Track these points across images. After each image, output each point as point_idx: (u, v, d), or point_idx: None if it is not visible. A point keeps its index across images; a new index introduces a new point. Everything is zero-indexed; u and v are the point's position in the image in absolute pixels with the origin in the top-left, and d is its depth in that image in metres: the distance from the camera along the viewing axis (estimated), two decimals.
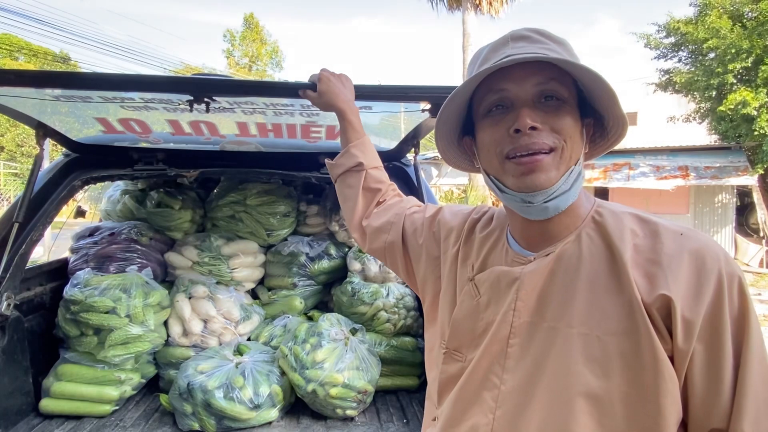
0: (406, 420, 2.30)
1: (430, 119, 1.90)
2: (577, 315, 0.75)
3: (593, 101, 0.80)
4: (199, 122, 2.07)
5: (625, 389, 0.70)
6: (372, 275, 2.81)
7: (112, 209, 2.98)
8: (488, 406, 0.81)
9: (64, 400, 2.27)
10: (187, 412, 2.17)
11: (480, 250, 0.92)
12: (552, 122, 0.77)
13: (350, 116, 1.27)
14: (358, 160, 1.22)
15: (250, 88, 1.62)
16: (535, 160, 0.76)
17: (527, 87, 0.77)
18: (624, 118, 0.79)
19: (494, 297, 0.85)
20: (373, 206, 1.20)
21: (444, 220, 1.04)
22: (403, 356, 2.63)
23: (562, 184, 0.77)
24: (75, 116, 2.18)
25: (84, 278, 2.40)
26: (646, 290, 0.72)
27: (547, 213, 0.79)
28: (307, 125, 2.09)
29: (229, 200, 2.86)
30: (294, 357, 2.31)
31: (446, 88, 1.60)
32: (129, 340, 2.34)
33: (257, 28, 33.36)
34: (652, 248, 0.74)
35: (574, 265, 0.78)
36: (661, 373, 0.69)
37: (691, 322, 0.69)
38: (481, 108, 0.82)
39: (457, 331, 0.89)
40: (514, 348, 0.80)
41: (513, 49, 0.79)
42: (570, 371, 0.73)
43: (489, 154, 0.82)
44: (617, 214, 0.81)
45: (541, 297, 0.79)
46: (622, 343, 0.71)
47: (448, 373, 0.89)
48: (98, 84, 1.53)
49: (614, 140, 0.85)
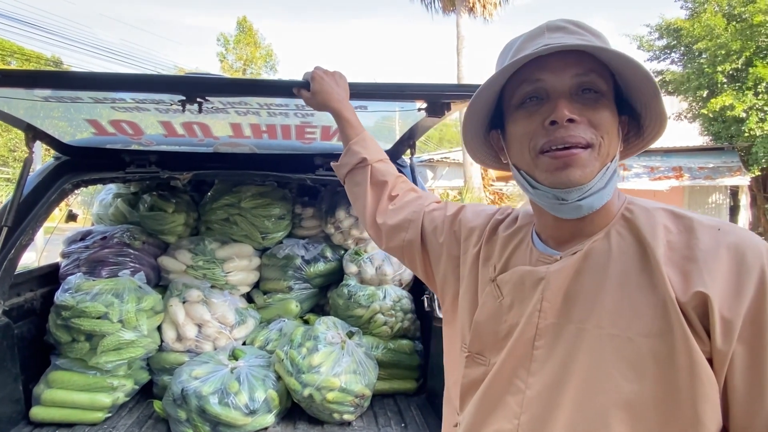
0: (404, 424, 2.27)
1: (425, 119, 1.88)
2: (606, 315, 0.71)
3: (631, 96, 0.77)
4: (192, 123, 2.04)
5: (659, 394, 0.66)
6: (368, 278, 2.78)
7: (104, 213, 2.94)
8: (513, 411, 0.77)
9: (55, 407, 2.23)
10: (181, 418, 2.13)
11: (503, 251, 0.89)
12: (590, 115, 0.73)
13: (346, 114, 1.24)
14: (360, 156, 1.19)
15: (242, 87, 1.59)
16: (571, 154, 0.72)
17: (565, 78, 0.74)
18: (664, 115, 0.76)
19: (518, 298, 0.81)
20: (385, 200, 1.16)
21: (465, 219, 1.00)
22: (400, 359, 2.60)
23: (598, 181, 0.73)
24: (67, 119, 2.14)
25: (75, 283, 2.36)
26: (681, 288, 0.67)
27: (580, 212, 0.75)
28: (302, 126, 2.06)
29: (224, 203, 2.82)
30: (290, 361, 2.28)
31: (443, 86, 1.58)
32: (122, 346, 2.29)
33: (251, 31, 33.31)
34: (687, 244, 0.70)
35: (602, 263, 0.74)
36: (699, 376, 0.64)
37: (731, 321, 0.64)
38: (514, 99, 0.78)
39: (479, 334, 0.86)
40: (540, 350, 0.76)
41: (550, 39, 0.75)
42: (600, 374, 0.70)
43: (521, 147, 0.78)
44: (649, 210, 0.77)
45: (568, 297, 0.76)
46: (656, 344, 0.67)
47: (470, 378, 0.86)
48: (87, 84, 1.50)
49: (650, 139, 0.81)
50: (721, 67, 10.62)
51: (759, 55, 10.32)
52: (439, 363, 2.26)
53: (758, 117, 10.35)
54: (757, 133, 10.40)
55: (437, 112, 1.66)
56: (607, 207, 0.77)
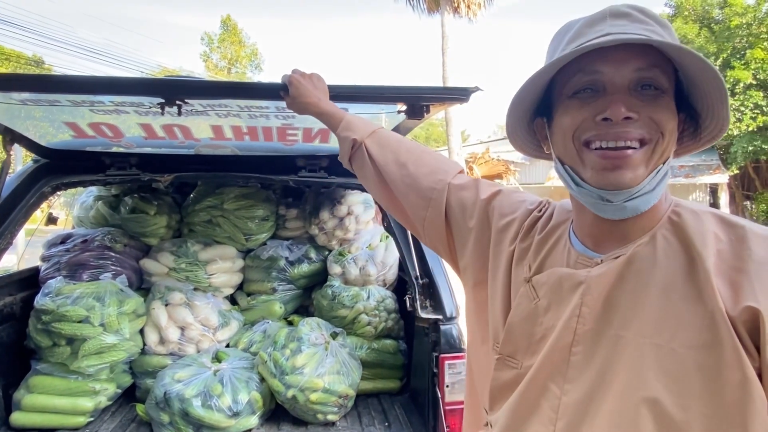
0: (388, 423, 2.29)
1: (406, 121, 1.90)
2: (649, 324, 0.68)
3: (694, 96, 0.72)
4: (172, 126, 2.03)
5: (704, 409, 0.62)
6: (352, 278, 2.79)
7: (84, 216, 2.91)
8: (548, 417, 0.74)
9: (36, 412, 2.21)
10: (164, 421, 2.12)
11: (539, 249, 0.84)
12: (649, 113, 0.68)
13: (325, 109, 1.22)
14: (350, 139, 1.14)
15: (222, 90, 1.59)
16: (624, 155, 0.68)
17: (626, 72, 0.69)
18: (727, 120, 0.71)
19: (555, 301, 0.77)
20: (396, 173, 1.07)
21: (501, 208, 0.94)
22: (384, 359, 2.62)
23: (647, 183, 0.69)
24: (49, 120, 2.12)
25: (56, 287, 2.33)
26: (731, 301, 0.64)
27: (625, 213, 0.71)
28: (284, 128, 2.07)
29: (206, 205, 2.81)
30: (273, 363, 2.28)
31: (421, 89, 1.60)
32: (103, 350, 2.28)
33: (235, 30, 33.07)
34: (738, 255, 0.66)
35: (647, 269, 0.70)
36: (750, 392, 0.60)
37: None
38: (567, 88, 0.73)
39: (512, 336, 0.82)
40: (578, 357, 0.73)
41: (612, 27, 0.70)
42: (640, 385, 0.66)
43: (565, 140, 0.74)
44: (699, 215, 0.72)
45: (609, 303, 0.72)
46: (702, 357, 0.63)
47: (501, 380, 0.83)
48: (65, 87, 1.49)
49: (707, 142, 0.76)
50: None
51: (736, 56, 10.54)
52: (422, 362, 2.29)
53: (735, 117, 10.57)
54: (735, 132, 10.62)
55: (417, 115, 1.68)
56: (654, 209, 0.73)
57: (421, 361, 2.31)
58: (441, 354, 2.01)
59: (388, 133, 1.16)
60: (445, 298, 2.13)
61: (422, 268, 2.25)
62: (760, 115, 10.35)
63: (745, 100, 10.41)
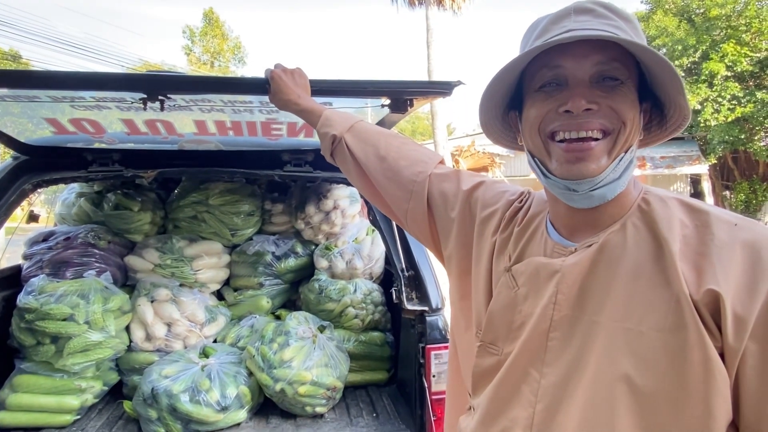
0: (376, 414, 2.32)
1: (391, 114, 1.91)
2: (619, 308, 0.71)
3: (656, 87, 0.75)
4: (155, 121, 2.02)
5: (670, 387, 0.66)
6: (339, 272, 2.81)
7: (67, 213, 2.87)
8: (528, 400, 0.78)
9: (21, 412, 2.18)
10: (152, 417, 2.12)
11: (519, 239, 0.88)
12: (610, 102, 0.72)
13: (304, 105, 1.23)
14: (330, 134, 1.15)
15: (204, 85, 1.59)
16: (586, 147, 0.71)
17: (586, 66, 0.72)
18: (687, 109, 0.74)
19: (533, 289, 0.81)
20: (376, 166, 1.09)
21: (484, 199, 0.97)
22: (372, 351, 2.64)
23: (611, 172, 0.72)
24: (28, 116, 2.08)
25: (39, 285, 2.31)
26: (694, 285, 0.67)
27: (592, 202, 0.75)
28: (268, 122, 2.07)
29: (191, 200, 2.80)
30: (261, 357, 2.29)
31: (404, 83, 1.61)
32: (89, 347, 2.26)
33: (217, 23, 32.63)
34: (702, 240, 0.70)
35: (618, 256, 0.73)
36: (711, 371, 0.64)
37: (743, 318, 0.64)
38: (533, 82, 0.77)
39: (492, 324, 0.85)
40: (555, 342, 0.77)
41: (575, 23, 0.73)
42: (613, 367, 0.70)
43: (532, 132, 0.77)
44: (665, 202, 0.76)
45: (583, 290, 0.75)
46: (669, 339, 0.67)
47: (482, 367, 0.87)
48: (45, 83, 1.47)
49: (673, 130, 0.80)
50: (679, 62, 11.01)
51: (715, 49, 10.72)
52: (409, 353, 2.32)
53: (713, 108, 10.77)
54: (712, 123, 10.82)
55: (400, 108, 1.69)
56: (622, 197, 0.76)
57: (408, 353, 2.34)
58: (427, 345, 2.04)
59: (367, 126, 1.17)
60: (431, 290, 2.16)
61: (408, 260, 2.28)
62: (737, 106, 10.56)
63: (722, 90, 10.60)
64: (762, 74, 10.68)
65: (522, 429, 0.77)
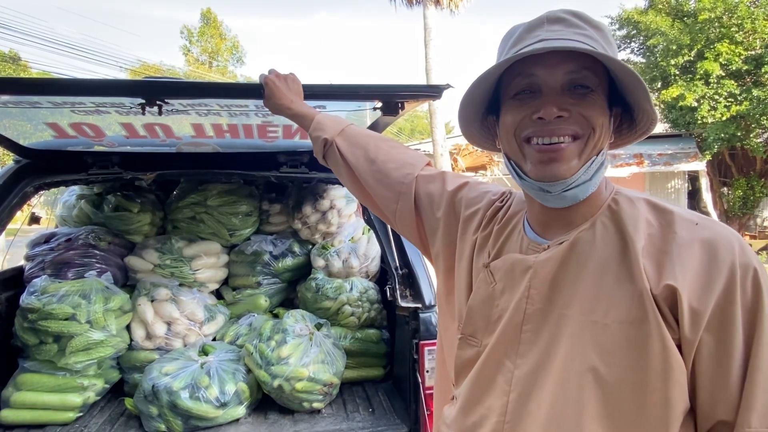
0: (372, 409, 2.37)
1: (383, 117, 1.96)
2: (586, 302, 0.76)
3: (625, 93, 0.79)
4: (153, 125, 2.07)
5: (632, 377, 0.71)
6: (335, 271, 2.86)
7: (68, 215, 2.92)
8: (502, 389, 0.82)
9: (25, 409, 2.24)
10: (153, 414, 2.17)
11: (498, 237, 0.92)
12: (580, 109, 0.75)
13: (297, 110, 1.28)
14: (321, 138, 1.20)
15: (201, 90, 1.63)
16: (558, 149, 0.75)
17: (558, 74, 0.76)
18: (653, 114, 0.78)
19: (509, 284, 0.85)
20: (366, 170, 1.14)
21: (468, 199, 1.02)
22: (367, 348, 2.69)
23: (582, 174, 0.76)
24: (28, 118, 2.13)
25: (41, 286, 2.36)
26: (655, 280, 0.71)
27: (565, 202, 0.79)
28: (264, 125, 2.11)
29: (190, 201, 2.85)
30: (259, 354, 2.34)
31: (395, 86, 1.66)
32: (91, 346, 2.32)
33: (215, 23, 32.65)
34: (665, 238, 0.74)
35: (587, 253, 0.78)
36: (669, 362, 0.69)
37: (699, 312, 0.68)
38: (509, 89, 0.81)
39: (472, 318, 0.90)
40: (527, 334, 0.81)
41: (548, 32, 0.77)
42: (579, 357, 0.74)
43: (509, 137, 0.81)
44: (634, 203, 0.80)
45: (554, 285, 0.80)
46: (631, 331, 0.71)
47: (463, 358, 0.91)
48: (46, 89, 1.51)
49: (642, 133, 0.84)
50: (674, 60, 11.03)
51: (709, 48, 10.74)
52: (403, 350, 2.37)
53: (710, 105, 10.80)
54: (709, 120, 10.85)
55: (392, 111, 1.74)
56: (594, 197, 0.81)
57: (403, 349, 2.39)
58: (420, 340, 2.09)
59: (357, 130, 1.21)
60: (424, 287, 2.21)
61: (402, 259, 2.33)
62: (734, 104, 10.59)
63: (718, 89, 10.64)
64: (758, 71, 10.70)
65: (497, 416, 0.82)
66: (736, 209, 13.22)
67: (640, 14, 12.20)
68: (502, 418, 0.81)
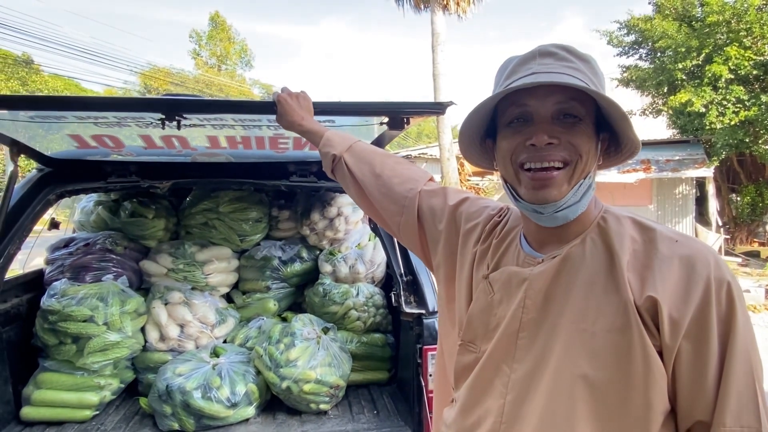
0: (377, 411, 2.45)
1: (389, 131, 2.04)
2: (576, 312, 0.82)
3: (610, 121, 0.85)
4: (170, 136, 2.16)
5: (617, 381, 0.77)
6: (342, 276, 2.94)
7: (85, 220, 3.03)
8: (500, 391, 0.89)
9: (44, 407, 2.34)
10: (166, 413, 2.27)
11: (496, 250, 0.99)
12: (569, 138, 0.82)
13: (308, 127, 1.35)
14: (330, 154, 1.27)
15: (218, 107, 1.73)
16: (549, 176, 0.82)
17: (548, 105, 0.82)
18: (636, 142, 0.85)
19: (506, 295, 0.92)
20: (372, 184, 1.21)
21: (468, 214, 1.08)
22: (373, 352, 2.77)
23: (572, 196, 0.84)
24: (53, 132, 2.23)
25: (61, 288, 2.46)
26: (638, 292, 0.78)
27: (557, 222, 0.86)
28: (275, 137, 2.20)
29: (202, 208, 2.95)
30: (269, 357, 2.43)
31: (400, 104, 1.74)
32: (107, 347, 2.41)
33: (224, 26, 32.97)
34: (648, 254, 0.81)
35: (577, 266, 0.85)
36: (651, 367, 0.75)
37: (678, 321, 0.75)
38: (504, 117, 0.88)
39: (471, 325, 0.97)
40: (523, 341, 0.87)
41: (539, 66, 0.84)
42: (570, 363, 0.81)
43: (505, 161, 0.88)
44: (620, 221, 0.87)
45: (547, 296, 0.86)
46: (616, 338, 0.78)
47: (462, 363, 0.98)
48: (74, 106, 1.61)
49: (627, 156, 0.90)
50: (682, 65, 11.01)
51: (718, 52, 10.72)
52: (407, 354, 2.45)
53: (718, 111, 10.77)
54: (717, 126, 10.81)
55: (398, 126, 1.83)
56: (584, 216, 0.88)
57: (407, 353, 2.46)
58: (424, 345, 2.17)
59: (364, 146, 1.29)
60: (428, 294, 2.29)
61: (406, 266, 2.41)
62: (742, 109, 10.56)
63: (727, 94, 10.61)
64: (767, 77, 10.68)
65: (494, 417, 0.90)
66: (744, 216, 13.16)
67: (646, 22, 12.19)
68: (499, 418, 0.89)
